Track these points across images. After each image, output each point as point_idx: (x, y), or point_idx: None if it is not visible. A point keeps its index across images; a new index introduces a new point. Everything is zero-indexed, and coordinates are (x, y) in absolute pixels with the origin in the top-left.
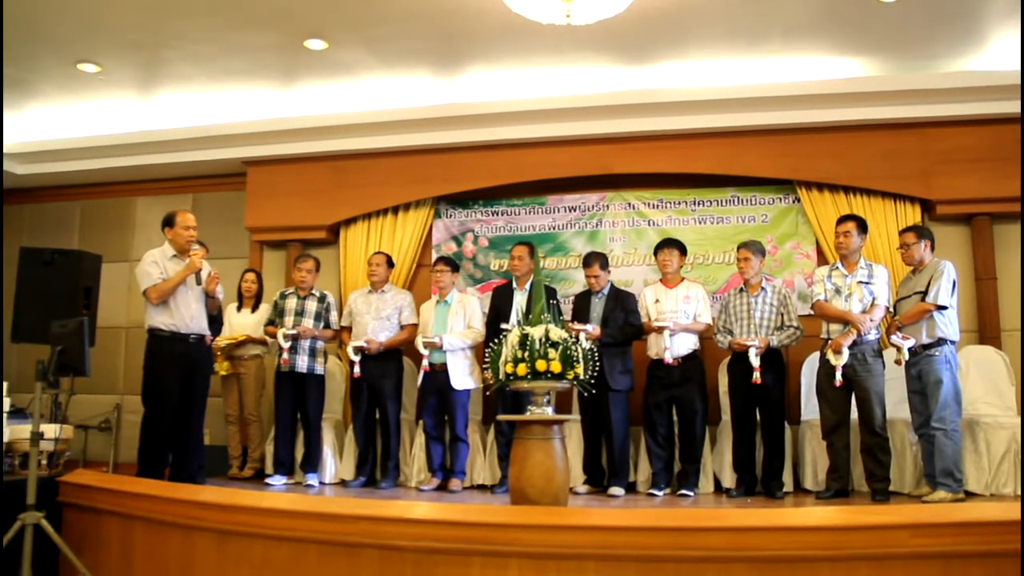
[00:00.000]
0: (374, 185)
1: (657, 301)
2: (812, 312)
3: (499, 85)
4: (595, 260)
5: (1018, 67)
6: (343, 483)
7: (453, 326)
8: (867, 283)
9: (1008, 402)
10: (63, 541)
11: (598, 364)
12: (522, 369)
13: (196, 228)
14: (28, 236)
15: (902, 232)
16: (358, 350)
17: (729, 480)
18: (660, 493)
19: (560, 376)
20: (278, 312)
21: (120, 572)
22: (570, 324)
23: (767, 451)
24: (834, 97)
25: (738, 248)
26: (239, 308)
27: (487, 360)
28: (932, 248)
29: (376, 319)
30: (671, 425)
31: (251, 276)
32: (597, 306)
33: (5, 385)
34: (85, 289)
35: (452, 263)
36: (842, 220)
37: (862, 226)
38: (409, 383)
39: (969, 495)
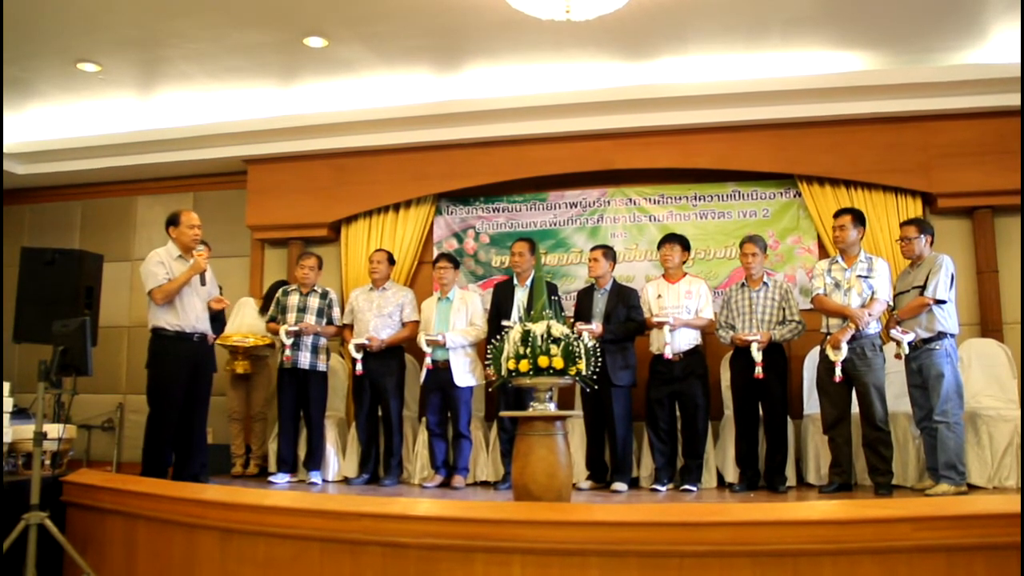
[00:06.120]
0: (375, 182)
1: (659, 296)
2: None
3: (499, 81)
4: (599, 247)
5: (1019, 60)
6: (346, 480)
7: (455, 323)
8: (866, 277)
9: (1010, 395)
10: (67, 541)
11: (600, 360)
12: (524, 365)
13: (201, 227)
14: (29, 236)
15: (903, 224)
16: (360, 348)
17: (732, 475)
18: (663, 488)
19: (562, 372)
20: (280, 308)
21: (124, 571)
22: (576, 325)
23: (769, 446)
24: (834, 91)
25: (744, 243)
26: (261, 311)
27: (489, 357)
28: (932, 243)
29: (378, 316)
30: (673, 420)
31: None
32: (599, 302)
33: (7, 385)
34: (87, 289)
35: (454, 260)
36: (838, 214)
37: (859, 219)
38: (411, 380)
39: (972, 488)
